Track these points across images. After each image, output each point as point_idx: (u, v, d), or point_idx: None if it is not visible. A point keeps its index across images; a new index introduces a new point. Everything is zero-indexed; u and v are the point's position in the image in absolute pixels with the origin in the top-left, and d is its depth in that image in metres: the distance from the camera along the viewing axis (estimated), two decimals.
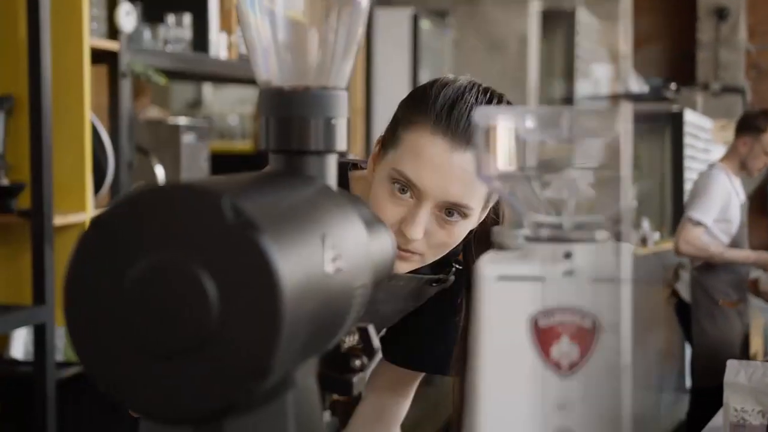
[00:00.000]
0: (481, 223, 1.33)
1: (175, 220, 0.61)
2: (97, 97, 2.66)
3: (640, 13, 7.91)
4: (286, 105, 0.80)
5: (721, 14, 9.13)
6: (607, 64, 5.44)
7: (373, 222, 0.86)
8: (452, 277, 1.43)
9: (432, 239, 1.27)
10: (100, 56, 2.64)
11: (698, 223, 4.30)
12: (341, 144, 0.82)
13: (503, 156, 0.71)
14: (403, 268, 1.30)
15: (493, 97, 1.27)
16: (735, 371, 1.98)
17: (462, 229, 1.28)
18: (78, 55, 2.48)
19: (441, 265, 1.42)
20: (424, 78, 6.00)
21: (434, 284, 1.43)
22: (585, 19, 7.58)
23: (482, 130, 0.70)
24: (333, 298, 0.70)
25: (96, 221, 0.63)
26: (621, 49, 5.48)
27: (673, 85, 6.61)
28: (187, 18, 3.06)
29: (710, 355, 4.29)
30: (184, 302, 0.60)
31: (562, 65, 7.42)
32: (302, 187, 0.75)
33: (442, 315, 1.46)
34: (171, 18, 3.05)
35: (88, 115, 2.51)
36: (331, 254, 0.69)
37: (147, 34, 2.96)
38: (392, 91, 4.70)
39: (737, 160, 4.39)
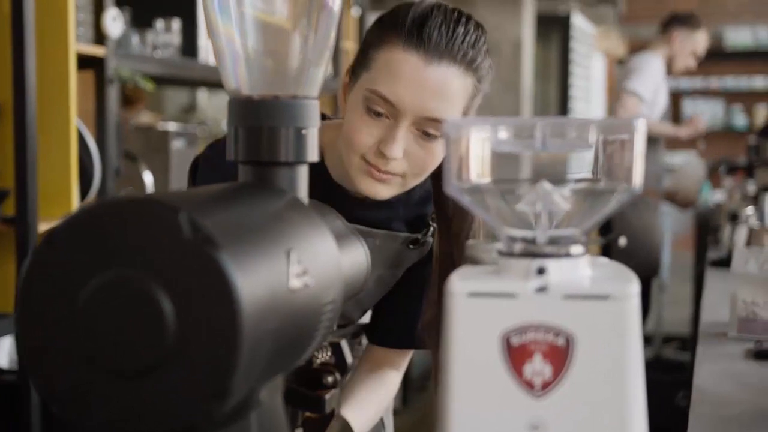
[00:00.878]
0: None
1: (132, 235, 0.59)
2: (84, 102, 2.63)
3: None
4: (255, 114, 0.78)
5: None
6: None
7: (345, 235, 0.84)
8: (430, 239, 1.41)
9: (412, 159, 1.26)
10: (86, 62, 2.62)
11: (634, 94, 4.44)
12: (312, 155, 0.80)
13: (475, 167, 0.69)
14: (384, 192, 1.28)
15: (461, 15, 1.26)
16: (744, 259, 1.83)
17: (442, 148, 1.26)
18: (64, 60, 2.45)
19: (417, 226, 1.40)
20: None
21: (411, 246, 1.41)
22: (579, 23, 7.57)
23: (453, 141, 0.68)
24: (299, 315, 0.67)
25: (50, 235, 0.60)
26: None
27: None
28: (176, 23, 3.04)
29: (634, 244, 4.34)
30: (140, 320, 0.58)
31: (557, 69, 7.42)
32: (270, 199, 0.73)
33: (422, 289, 1.43)
34: (160, 23, 3.02)
35: (74, 121, 2.48)
36: (297, 270, 0.67)
37: (135, 39, 2.93)
38: None
39: (664, 53, 4.59)
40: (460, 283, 0.66)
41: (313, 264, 0.70)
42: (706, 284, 2.65)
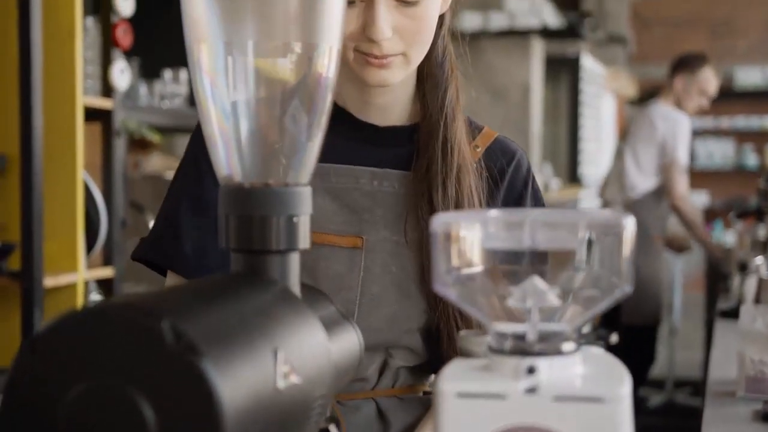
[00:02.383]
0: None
1: (114, 342, 0.58)
2: (91, 155, 2.64)
3: None
4: (247, 203, 0.78)
5: None
6: None
7: (337, 320, 0.83)
8: None
9: (404, 34, 1.19)
10: (94, 114, 2.63)
11: (683, 166, 4.54)
12: (304, 241, 0.80)
13: (464, 262, 0.69)
14: (391, 77, 1.21)
15: None
16: (751, 317, 1.78)
17: (429, 10, 1.20)
18: (71, 113, 2.46)
19: None
20: None
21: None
22: (589, 65, 7.60)
23: (441, 236, 0.67)
24: (287, 414, 0.67)
25: (33, 341, 0.60)
26: None
27: (588, 22, 6.55)
28: (183, 73, 3.06)
29: (640, 291, 4.31)
30: (123, 429, 0.57)
31: (567, 110, 7.44)
32: (259, 293, 0.72)
33: None
34: (168, 73, 3.04)
35: (81, 175, 2.49)
36: (285, 368, 0.66)
37: (143, 89, 2.95)
38: None
39: (673, 98, 4.64)
40: (449, 383, 0.66)
41: (301, 360, 0.69)
42: (715, 337, 2.63)
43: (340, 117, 1.29)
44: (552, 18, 5.55)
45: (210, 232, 1.24)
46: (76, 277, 2.50)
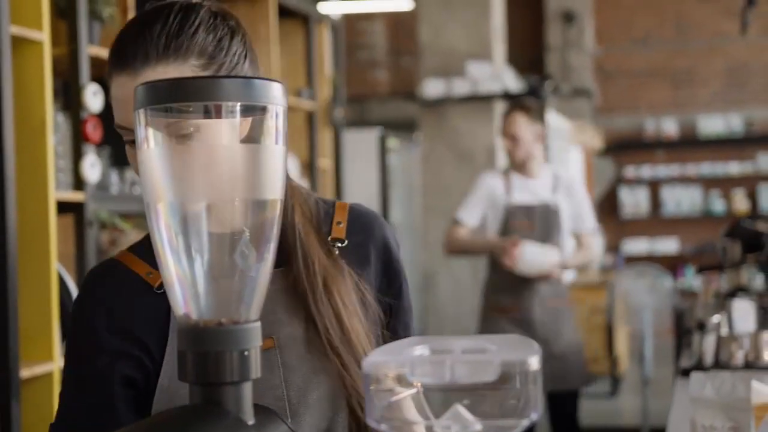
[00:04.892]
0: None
1: None
2: (64, 245, 2.73)
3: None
4: (202, 340, 0.87)
5: (568, 18, 9.49)
6: (484, 61, 5.42)
7: None
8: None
9: None
10: (66, 207, 2.72)
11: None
12: (256, 371, 0.88)
13: (393, 397, 0.78)
14: None
15: (157, 15, 1.22)
16: (701, 384, 1.83)
17: (210, 141, 1.10)
18: (44, 208, 2.55)
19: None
20: (394, 194, 6.16)
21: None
22: (554, 121, 7.77)
23: (371, 378, 0.77)
24: None
25: None
26: (494, 46, 5.53)
27: (548, 84, 6.61)
28: None
29: (567, 360, 4.14)
30: None
31: None
32: (211, 428, 0.81)
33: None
34: None
35: (55, 267, 2.57)
36: None
37: (114, 177, 3.04)
38: None
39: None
40: None
41: None
42: (674, 399, 2.71)
43: None
44: (513, 82, 5.71)
45: (103, 407, 1.27)
46: (52, 366, 2.57)
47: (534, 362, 0.75)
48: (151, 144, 0.88)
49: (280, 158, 0.90)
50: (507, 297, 4.08)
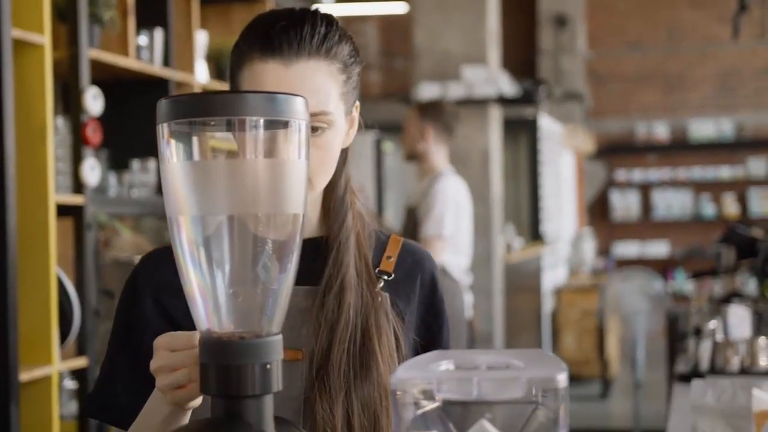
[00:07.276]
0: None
1: None
2: (63, 248, 2.72)
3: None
4: (224, 354, 0.87)
5: (560, 22, 9.50)
6: (479, 65, 5.43)
7: None
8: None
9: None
10: (66, 210, 2.72)
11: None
12: (277, 384, 0.89)
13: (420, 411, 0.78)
14: None
15: (305, 13, 1.26)
16: (702, 392, 1.83)
17: (332, 140, 1.25)
18: (44, 211, 2.55)
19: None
20: (390, 198, 6.16)
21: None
22: (547, 125, 7.78)
23: (399, 398, 0.77)
24: None
25: None
26: (489, 49, 5.53)
27: (542, 89, 6.62)
28: (152, 163, 3.15)
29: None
30: None
31: (527, 169, 7.62)
32: None
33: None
34: (136, 164, 3.14)
35: (54, 270, 2.56)
36: None
37: (113, 180, 3.04)
38: None
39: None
40: None
41: None
42: (672, 404, 2.72)
43: None
44: (507, 87, 5.72)
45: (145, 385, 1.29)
46: (51, 369, 2.56)
47: (562, 379, 0.76)
48: (174, 158, 0.88)
49: (302, 172, 0.90)
50: None
